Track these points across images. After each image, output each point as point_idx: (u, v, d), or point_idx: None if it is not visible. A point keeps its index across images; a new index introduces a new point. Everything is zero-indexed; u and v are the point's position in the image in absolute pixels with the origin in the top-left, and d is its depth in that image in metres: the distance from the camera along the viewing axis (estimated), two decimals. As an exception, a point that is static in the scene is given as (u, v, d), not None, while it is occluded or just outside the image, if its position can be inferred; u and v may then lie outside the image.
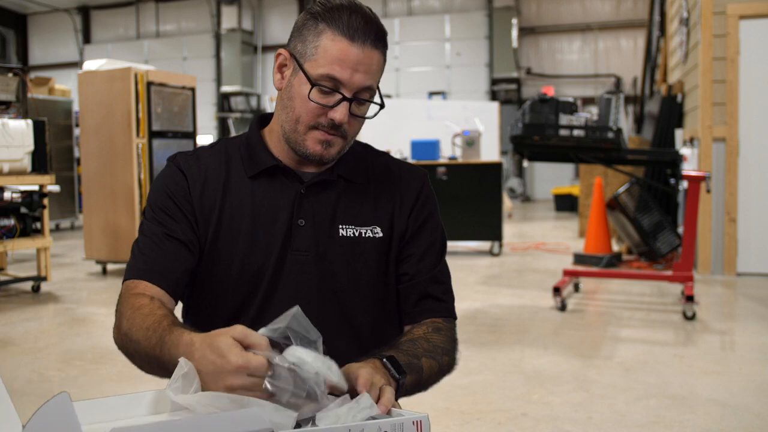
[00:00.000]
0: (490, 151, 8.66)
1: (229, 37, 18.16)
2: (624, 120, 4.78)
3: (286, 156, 1.35)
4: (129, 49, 18.87)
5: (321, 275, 1.31)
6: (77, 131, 9.30)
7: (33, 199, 5.46)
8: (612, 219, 5.63)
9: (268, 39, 18.64)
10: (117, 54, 18.57)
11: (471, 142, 7.48)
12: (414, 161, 7.27)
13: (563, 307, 4.83)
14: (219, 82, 18.42)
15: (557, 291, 4.82)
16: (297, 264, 1.32)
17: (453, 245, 7.90)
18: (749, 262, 6.11)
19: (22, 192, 5.44)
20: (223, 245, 1.32)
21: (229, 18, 18.28)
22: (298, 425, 0.98)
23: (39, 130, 5.49)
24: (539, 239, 8.95)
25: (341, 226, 1.34)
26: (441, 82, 17.04)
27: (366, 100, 1.27)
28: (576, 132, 4.66)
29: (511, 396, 3.14)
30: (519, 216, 12.67)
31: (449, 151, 8.01)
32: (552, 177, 15.97)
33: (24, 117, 5.51)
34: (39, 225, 5.63)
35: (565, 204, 13.22)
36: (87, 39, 19.55)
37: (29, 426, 0.82)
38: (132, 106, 6.22)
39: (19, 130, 5.33)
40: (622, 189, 5.38)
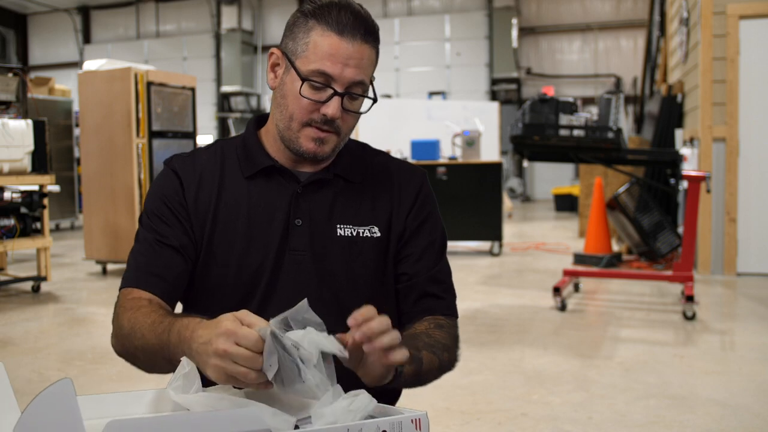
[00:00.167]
0: (490, 151, 8.66)
1: (229, 37, 18.16)
2: (624, 120, 4.78)
3: (282, 156, 1.35)
4: (129, 49, 18.87)
5: (319, 275, 1.31)
6: (77, 131, 9.30)
7: (33, 199, 5.46)
8: (612, 219, 5.63)
9: (268, 39, 18.63)
10: (117, 54, 18.57)
11: (471, 142, 7.48)
12: (414, 161, 7.26)
13: (563, 307, 4.83)
14: (219, 82, 18.43)
15: (557, 291, 4.82)
16: (295, 264, 1.31)
17: (453, 245, 7.90)
18: (749, 262, 6.11)
19: (22, 192, 5.44)
20: (219, 246, 1.32)
21: (229, 18, 18.28)
22: (296, 426, 0.98)
23: (39, 130, 5.49)
24: (539, 239, 8.95)
25: (339, 225, 1.33)
26: (441, 82, 17.04)
27: (358, 94, 1.27)
28: (576, 132, 4.66)
29: (511, 396, 3.14)
30: (519, 216, 12.67)
31: (449, 151, 8.01)
32: (552, 177, 15.96)
33: (24, 117, 5.51)
34: (39, 225, 5.63)
35: (565, 204, 13.22)
36: (87, 39, 19.56)
37: (29, 409, 0.82)
38: (132, 106, 6.22)
39: (19, 130, 5.33)
40: (622, 189, 5.38)
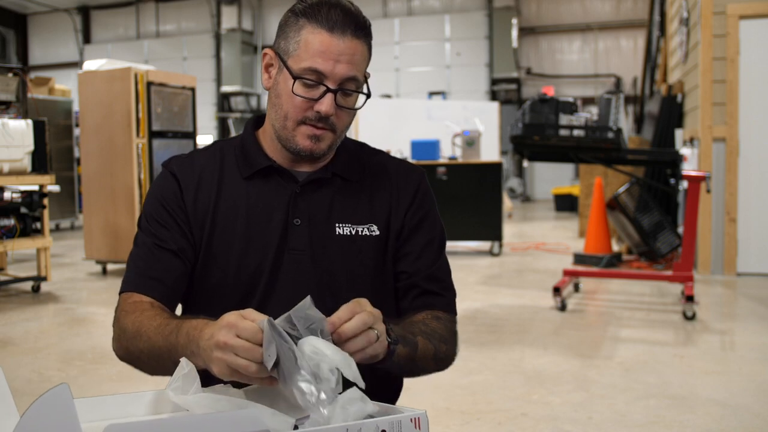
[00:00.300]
0: (490, 151, 8.66)
1: (229, 37, 18.16)
2: (624, 120, 4.78)
3: (280, 156, 1.36)
4: (129, 49, 18.87)
5: (318, 274, 1.31)
6: (77, 131, 9.30)
7: (33, 199, 5.46)
8: (612, 219, 5.62)
9: (268, 39, 18.62)
10: (117, 54, 18.56)
11: (471, 142, 7.48)
12: (414, 161, 7.25)
13: (563, 307, 4.83)
14: (219, 82, 18.42)
15: (557, 291, 4.82)
16: (294, 263, 1.32)
17: (453, 245, 7.90)
18: (749, 262, 6.11)
19: (22, 192, 5.44)
20: (219, 247, 1.33)
21: (229, 18, 18.28)
22: (295, 427, 0.98)
23: (39, 130, 5.49)
24: (539, 239, 8.95)
25: (338, 224, 1.34)
26: (441, 82, 17.04)
27: (351, 90, 1.27)
28: (576, 132, 4.66)
29: (511, 396, 3.14)
30: (519, 216, 12.67)
31: (449, 151, 8.00)
32: (552, 177, 15.96)
33: (24, 117, 5.51)
34: (39, 225, 5.63)
35: (565, 204, 13.22)
36: (87, 39, 19.55)
37: (27, 415, 0.82)
38: (132, 106, 6.21)
39: (19, 130, 5.33)
40: (622, 189, 5.38)
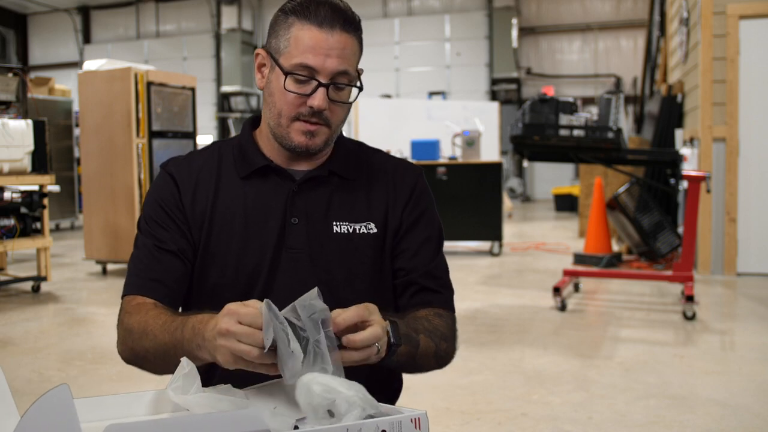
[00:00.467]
0: (490, 151, 8.66)
1: (229, 37, 18.16)
2: (624, 120, 4.78)
3: (277, 155, 1.36)
4: (129, 49, 18.87)
5: (316, 273, 1.32)
6: (77, 131, 9.29)
7: (33, 199, 5.45)
8: (612, 219, 5.62)
9: (268, 39, 18.60)
10: (117, 54, 18.56)
11: (471, 142, 7.48)
12: (414, 161, 7.26)
13: (563, 307, 4.83)
14: (219, 82, 18.42)
15: (557, 291, 4.82)
16: (292, 262, 1.32)
17: (453, 245, 7.90)
18: (749, 262, 6.11)
19: (22, 192, 5.44)
20: (217, 247, 1.33)
21: (229, 18, 18.27)
22: (295, 427, 0.98)
23: (39, 130, 5.49)
24: (539, 239, 8.95)
25: (335, 222, 1.34)
26: (441, 82, 17.03)
27: (343, 84, 1.27)
28: (576, 132, 4.66)
29: (511, 396, 3.14)
30: (519, 216, 12.67)
31: (449, 151, 8.00)
32: (552, 177, 15.95)
33: (24, 117, 5.51)
34: (39, 225, 5.63)
35: (565, 204, 13.21)
36: (87, 39, 19.55)
37: (27, 416, 0.82)
38: (132, 106, 6.21)
39: (19, 130, 5.33)
40: (622, 189, 5.38)
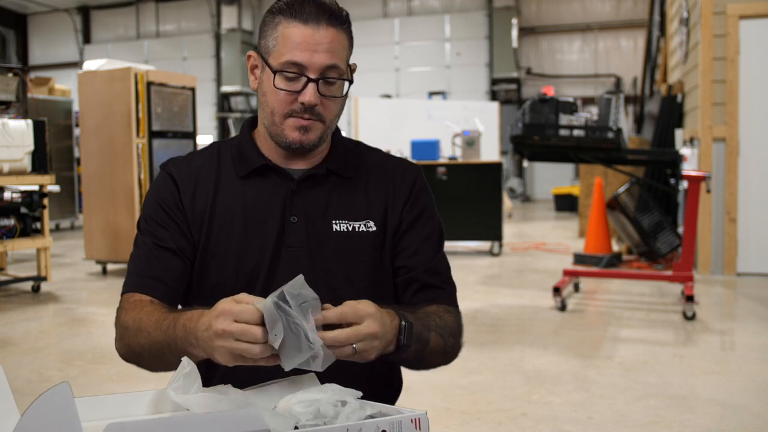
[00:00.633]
0: (490, 151, 8.66)
1: (229, 37, 18.15)
2: (624, 120, 4.78)
3: (274, 154, 1.37)
4: (129, 49, 18.86)
5: (315, 271, 1.32)
6: (77, 131, 9.29)
7: (33, 199, 5.45)
8: (612, 219, 5.62)
9: (268, 39, 18.59)
10: (117, 54, 18.56)
11: (471, 142, 7.48)
12: (414, 161, 7.26)
13: (563, 307, 4.83)
14: (219, 82, 18.42)
15: (557, 291, 4.82)
16: (291, 261, 1.33)
17: (453, 245, 7.90)
18: (749, 262, 6.11)
19: (22, 192, 5.44)
20: (217, 247, 1.34)
21: (229, 18, 18.27)
22: (295, 427, 0.98)
23: (39, 130, 5.49)
24: (539, 239, 8.95)
25: (334, 221, 1.35)
26: (441, 82, 17.03)
27: (334, 78, 1.28)
28: (576, 132, 4.66)
29: (511, 396, 3.14)
30: (519, 216, 12.67)
31: (449, 151, 8.00)
32: (552, 177, 15.95)
33: (24, 117, 5.51)
34: (39, 225, 5.63)
35: (565, 204, 13.21)
36: (87, 39, 19.55)
37: (28, 414, 0.82)
38: (132, 106, 6.21)
39: (19, 130, 5.33)
40: (622, 189, 5.38)
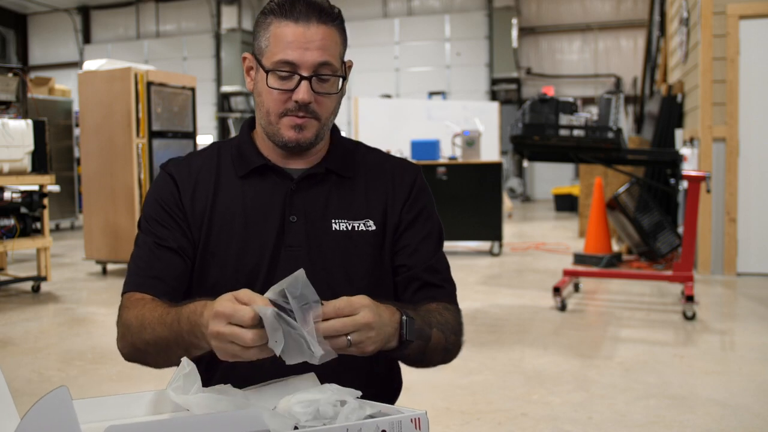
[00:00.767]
0: (490, 151, 8.66)
1: (229, 37, 18.16)
2: (624, 120, 4.78)
3: (273, 154, 1.38)
4: (129, 49, 18.86)
5: (315, 270, 1.32)
6: (77, 131, 9.29)
7: (33, 199, 5.45)
8: (612, 219, 5.62)
9: (268, 39, 18.58)
10: (117, 54, 18.55)
11: (471, 142, 7.48)
12: (414, 161, 7.26)
13: (563, 307, 4.83)
14: (219, 82, 18.42)
15: (557, 291, 4.82)
16: (291, 260, 1.33)
17: (453, 245, 7.90)
18: (749, 262, 6.11)
19: (22, 192, 5.44)
20: (217, 247, 1.35)
21: (229, 18, 18.27)
22: (295, 427, 0.98)
23: (39, 130, 5.49)
24: (539, 239, 8.95)
25: (334, 220, 1.36)
26: (441, 82, 17.03)
27: (327, 75, 1.28)
28: (576, 132, 4.66)
29: (511, 396, 3.14)
30: (519, 216, 12.67)
31: (449, 151, 8.00)
32: (552, 177, 15.95)
33: (24, 117, 5.51)
34: (39, 225, 5.63)
35: (565, 204, 13.21)
36: (87, 39, 19.54)
37: (27, 418, 0.82)
38: (132, 106, 6.21)
39: (19, 130, 5.33)
40: (622, 189, 5.38)
